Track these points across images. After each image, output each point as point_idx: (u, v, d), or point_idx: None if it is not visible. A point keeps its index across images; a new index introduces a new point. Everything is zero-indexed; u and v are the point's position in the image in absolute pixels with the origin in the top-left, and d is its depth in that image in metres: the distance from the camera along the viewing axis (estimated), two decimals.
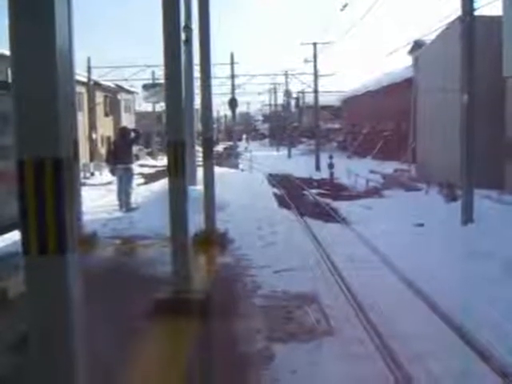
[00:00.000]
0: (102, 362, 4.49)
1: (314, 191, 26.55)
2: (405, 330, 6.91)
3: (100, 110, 48.41)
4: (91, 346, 2.92)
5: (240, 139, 77.92)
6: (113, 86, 51.79)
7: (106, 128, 48.67)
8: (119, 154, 15.46)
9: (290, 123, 68.10)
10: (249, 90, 70.03)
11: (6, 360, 4.75)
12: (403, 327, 7.00)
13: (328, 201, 22.41)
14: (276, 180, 30.92)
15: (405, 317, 7.52)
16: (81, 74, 38.81)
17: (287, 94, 68.98)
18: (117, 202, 15.19)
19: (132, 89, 57.63)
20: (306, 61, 47.52)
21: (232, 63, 48.90)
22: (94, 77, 45.66)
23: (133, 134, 16.76)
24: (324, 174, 33.20)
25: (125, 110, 56.84)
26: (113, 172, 16.04)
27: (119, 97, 54.78)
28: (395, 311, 7.78)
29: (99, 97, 48.34)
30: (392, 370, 5.56)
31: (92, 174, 36.22)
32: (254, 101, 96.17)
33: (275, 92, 78.05)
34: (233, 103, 46.55)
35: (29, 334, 2.56)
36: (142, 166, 42.85)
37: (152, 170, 38.82)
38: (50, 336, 2.53)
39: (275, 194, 22.68)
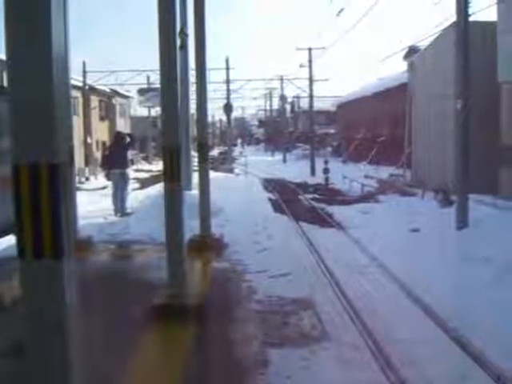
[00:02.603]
0: (98, 368, 4.47)
1: (309, 196, 26.54)
2: (400, 335, 6.91)
3: (95, 114, 48.37)
4: (87, 350, 2.91)
5: (235, 144, 77.69)
6: (108, 90, 51.76)
7: (101, 133, 48.62)
8: (114, 159, 15.44)
9: (285, 128, 68.17)
10: (244, 94, 69.96)
11: (1, 366, 4.73)
12: (399, 333, 7.00)
13: (323, 206, 22.41)
14: (271, 185, 30.91)
15: (400, 322, 7.52)
16: (76, 79, 38.77)
17: (282, 98, 69.00)
18: (112, 207, 15.17)
19: (127, 93, 57.59)
20: (301, 66, 47.59)
21: (227, 68, 48.95)
22: (89, 81, 45.64)
23: (128, 139, 16.74)
24: (319, 178, 33.23)
25: (120, 114, 56.78)
26: (108, 177, 16.01)
27: (114, 101, 54.73)
28: (391, 316, 7.78)
29: (94, 101, 48.30)
30: (387, 376, 5.56)
31: (87, 179, 36.17)
32: (250, 106, 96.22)
33: (270, 97, 78.23)
34: (228, 108, 46.59)
35: (24, 339, 2.55)
36: (137, 170, 42.83)
37: (147, 175, 38.77)
38: (45, 341, 2.52)
39: (270, 199, 22.67)
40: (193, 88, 13.03)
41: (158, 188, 16.31)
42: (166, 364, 5.41)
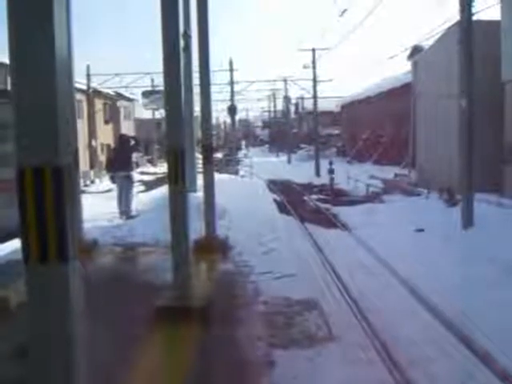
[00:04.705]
0: (103, 371, 4.48)
1: (314, 197, 26.55)
2: (406, 336, 6.92)
3: (99, 117, 48.44)
4: (92, 353, 2.92)
5: (239, 148, 77.02)
6: (112, 93, 51.84)
7: (105, 135, 48.69)
8: (119, 162, 15.44)
9: (289, 129, 68.15)
10: (248, 96, 69.87)
11: (5, 370, 4.73)
12: (404, 334, 7.01)
13: (328, 206, 22.41)
14: (276, 186, 30.92)
15: (406, 324, 7.52)
16: (80, 82, 38.85)
17: (286, 100, 69.00)
18: (117, 210, 15.17)
19: (131, 96, 57.67)
20: (304, 67, 47.58)
21: (231, 70, 48.97)
22: (94, 84, 45.72)
23: (132, 142, 16.74)
24: (324, 179, 33.18)
25: (124, 117, 56.85)
26: (113, 179, 16.01)
27: (119, 104, 54.80)
28: (396, 317, 7.79)
29: (99, 104, 48.38)
30: (395, 377, 5.57)
31: (92, 182, 36.23)
32: (254, 107, 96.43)
33: (274, 98, 78.22)
34: (232, 110, 46.60)
35: (29, 343, 2.55)
36: (142, 173, 42.80)
37: (152, 177, 38.78)
38: (50, 345, 2.52)
39: (275, 200, 22.66)
40: (197, 90, 13.02)
41: (163, 190, 16.32)
42: (171, 367, 5.42)
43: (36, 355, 2.54)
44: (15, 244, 7.24)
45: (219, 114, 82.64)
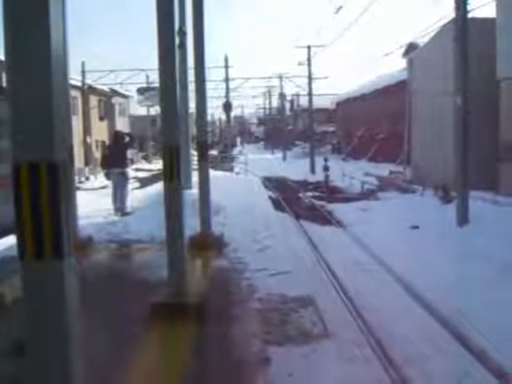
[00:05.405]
0: (99, 368, 4.47)
1: (309, 194, 26.55)
2: (401, 333, 6.93)
3: (94, 114, 48.31)
4: (88, 350, 2.91)
5: (234, 145, 76.66)
6: (107, 89, 51.69)
7: (100, 132, 48.56)
8: (114, 159, 15.41)
9: (284, 126, 68.12)
10: (243, 93, 69.70)
11: (2, 367, 4.72)
12: (400, 331, 7.02)
13: (323, 203, 22.42)
14: (271, 183, 30.90)
15: (402, 321, 7.53)
16: (75, 78, 38.73)
17: (282, 97, 68.96)
18: (112, 207, 15.15)
19: (126, 93, 57.49)
20: (300, 64, 47.55)
21: (226, 67, 48.92)
22: (89, 81, 45.59)
23: (127, 138, 16.72)
24: (319, 176, 33.19)
25: (119, 114, 56.67)
26: (107, 176, 15.98)
27: (113, 101, 54.65)
28: (391, 315, 7.79)
29: (93, 101, 48.25)
30: (390, 375, 5.57)
31: (87, 179, 36.15)
32: (249, 104, 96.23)
33: (270, 95, 78.17)
34: (227, 107, 46.53)
35: (25, 339, 2.54)
36: (137, 170, 42.71)
37: (147, 174, 38.70)
38: (46, 342, 2.52)
39: (270, 197, 22.64)
40: (192, 87, 13.00)
41: (158, 187, 16.27)
42: (166, 363, 5.41)
43: (32, 351, 2.53)
44: (11, 240, 7.22)
45: (214, 111, 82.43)
